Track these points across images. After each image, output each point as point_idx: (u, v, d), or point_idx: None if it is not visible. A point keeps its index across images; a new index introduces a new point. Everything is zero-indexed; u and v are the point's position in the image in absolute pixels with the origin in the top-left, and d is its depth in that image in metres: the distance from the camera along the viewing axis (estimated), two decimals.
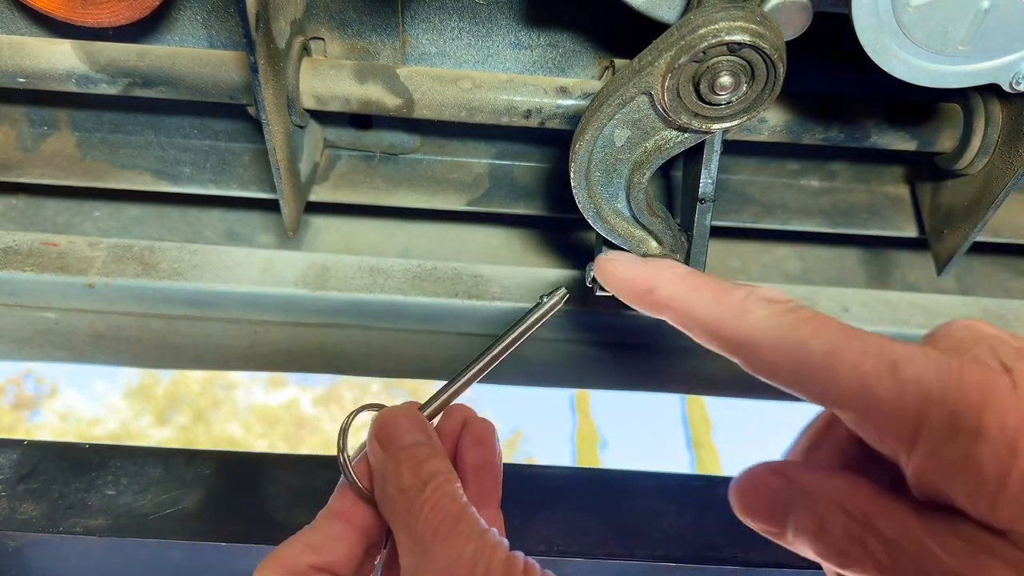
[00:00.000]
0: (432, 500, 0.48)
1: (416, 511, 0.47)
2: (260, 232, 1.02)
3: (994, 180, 0.76)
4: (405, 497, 0.48)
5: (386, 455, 0.51)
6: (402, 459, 0.50)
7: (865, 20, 0.54)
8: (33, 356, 0.96)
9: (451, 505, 0.48)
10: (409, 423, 0.53)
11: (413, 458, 0.51)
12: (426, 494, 0.48)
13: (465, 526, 0.47)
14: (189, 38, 0.82)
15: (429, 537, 0.46)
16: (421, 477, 0.49)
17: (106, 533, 0.68)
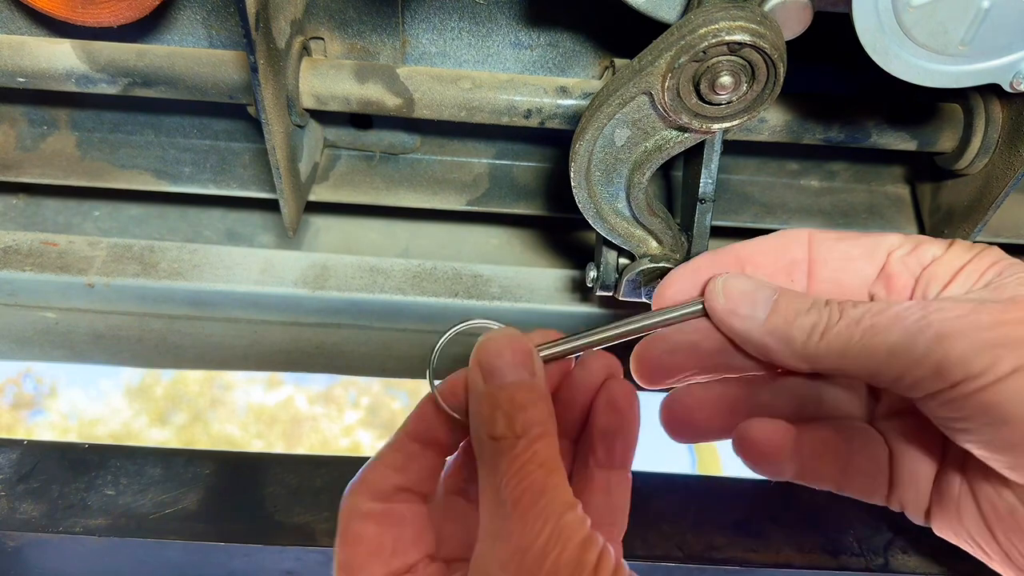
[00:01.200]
0: (521, 460, 0.45)
1: (502, 469, 0.45)
2: (260, 232, 1.02)
3: (994, 180, 0.76)
4: (494, 447, 0.46)
5: (484, 388, 0.48)
6: (500, 400, 0.47)
7: (865, 20, 0.54)
8: (33, 356, 0.96)
9: (538, 471, 0.45)
10: (516, 357, 0.49)
11: (511, 402, 0.47)
12: (516, 450, 0.45)
13: (546, 502, 0.44)
14: (189, 38, 0.82)
15: (509, 505, 0.44)
16: (515, 428, 0.46)
17: (106, 533, 0.68)
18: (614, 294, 0.75)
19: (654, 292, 0.56)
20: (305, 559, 0.71)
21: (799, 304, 0.50)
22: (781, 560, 0.70)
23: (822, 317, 0.48)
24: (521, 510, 0.43)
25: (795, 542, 0.72)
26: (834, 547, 0.71)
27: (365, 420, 4.20)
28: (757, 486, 0.75)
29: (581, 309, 0.86)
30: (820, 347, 0.48)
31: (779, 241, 0.55)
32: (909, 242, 0.52)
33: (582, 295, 0.87)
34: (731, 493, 0.75)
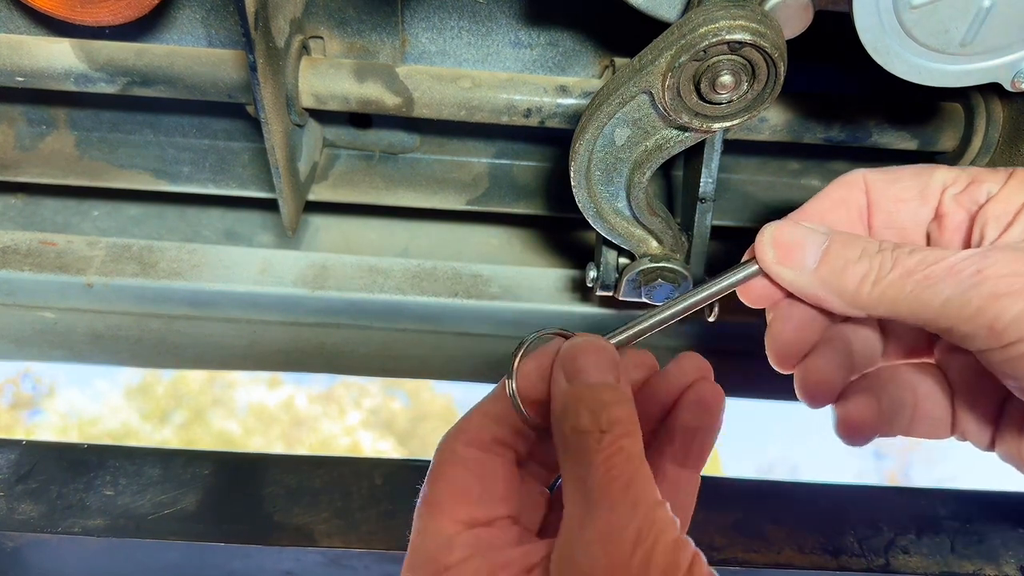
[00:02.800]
0: (606, 453, 0.44)
1: (587, 461, 0.44)
2: (259, 232, 1.01)
3: None
4: (579, 440, 0.45)
5: (568, 389, 0.47)
6: (584, 397, 0.46)
7: (866, 19, 0.54)
8: (32, 356, 0.96)
9: (626, 464, 0.43)
10: (599, 360, 0.48)
11: (596, 400, 0.46)
12: (603, 444, 0.44)
13: (635, 493, 0.43)
14: (188, 37, 0.82)
15: (596, 495, 0.43)
16: (600, 423, 0.45)
17: (104, 533, 0.68)
18: (614, 294, 0.75)
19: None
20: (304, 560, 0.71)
21: (851, 252, 0.49)
22: (781, 560, 0.70)
23: (873, 266, 0.48)
24: (611, 499, 0.42)
25: (795, 542, 0.72)
26: (835, 547, 0.71)
27: (366, 421, 4.20)
28: (757, 486, 0.75)
29: (581, 309, 0.86)
30: (872, 297, 0.47)
31: (838, 191, 0.56)
32: (963, 178, 0.51)
33: (582, 295, 0.86)
34: (731, 493, 0.74)
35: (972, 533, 0.69)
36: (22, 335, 0.93)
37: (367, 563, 0.71)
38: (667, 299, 0.71)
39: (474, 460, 0.49)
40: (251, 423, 3.96)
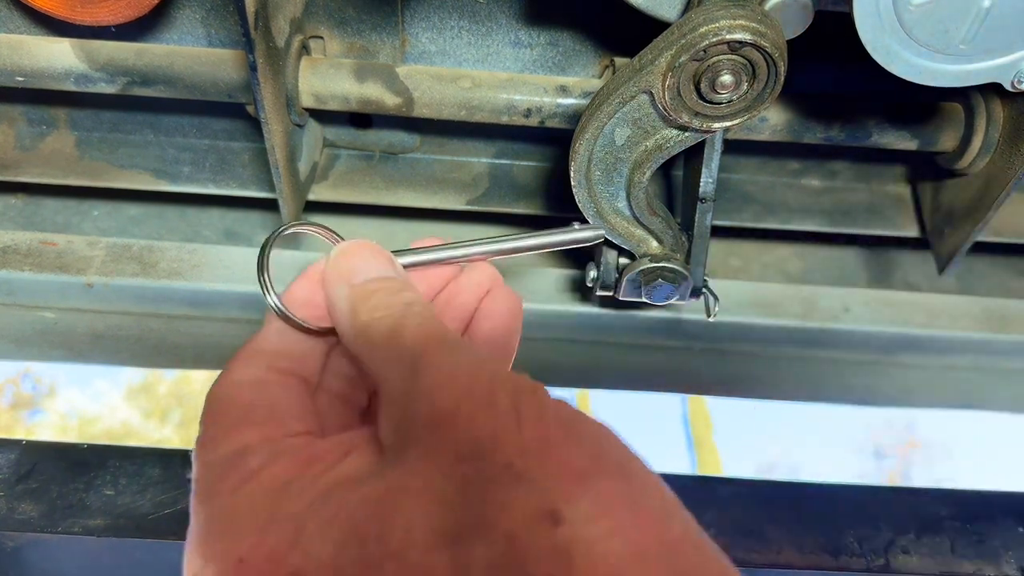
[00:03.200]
0: (416, 318, 0.42)
1: (398, 332, 0.41)
2: (259, 231, 1.01)
3: (995, 180, 0.76)
4: (382, 324, 0.42)
5: (350, 289, 0.45)
6: (372, 290, 0.44)
7: (866, 19, 0.54)
8: (32, 356, 0.96)
9: (435, 326, 0.42)
10: (376, 258, 0.47)
11: (386, 288, 0.45)
12: (408, 316, 0.42)
13: (454, 342, 0.41)
14: (188, 37, 0.82)
15: (419, 353, 0.40)
16: (395, 303, 0.43)
17: (105, 533, 0.68)
18: (614, 294, 0.75)
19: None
20: None
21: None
22: (781, 560, 0.70)
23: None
24: (434, 349, 0.40)
25: (795, 542, 0.71)
26: (834, 547, 0.71)
27: None
28: (757, 486, 0.75)
29: (581, 309, 0.86)
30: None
31: None
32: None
33: (582, 295, 0.86)
34: (731, 493, 0.74)
35: (972, 533, 0.69)
36: (22, 335, 0.93)
37: None
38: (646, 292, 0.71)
39: (252, 382, 0.44)
40: None
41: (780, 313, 0.87)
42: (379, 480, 0.36)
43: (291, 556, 0.35)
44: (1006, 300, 0.91)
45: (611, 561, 0.31)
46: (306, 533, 0.35)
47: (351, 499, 0.36)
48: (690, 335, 0.91)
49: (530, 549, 0.31)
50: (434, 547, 0.33)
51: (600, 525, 0.32)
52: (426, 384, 0.38)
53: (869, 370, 0.96)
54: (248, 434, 0.41)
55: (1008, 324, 0.89)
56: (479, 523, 0.33)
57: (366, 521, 0.34)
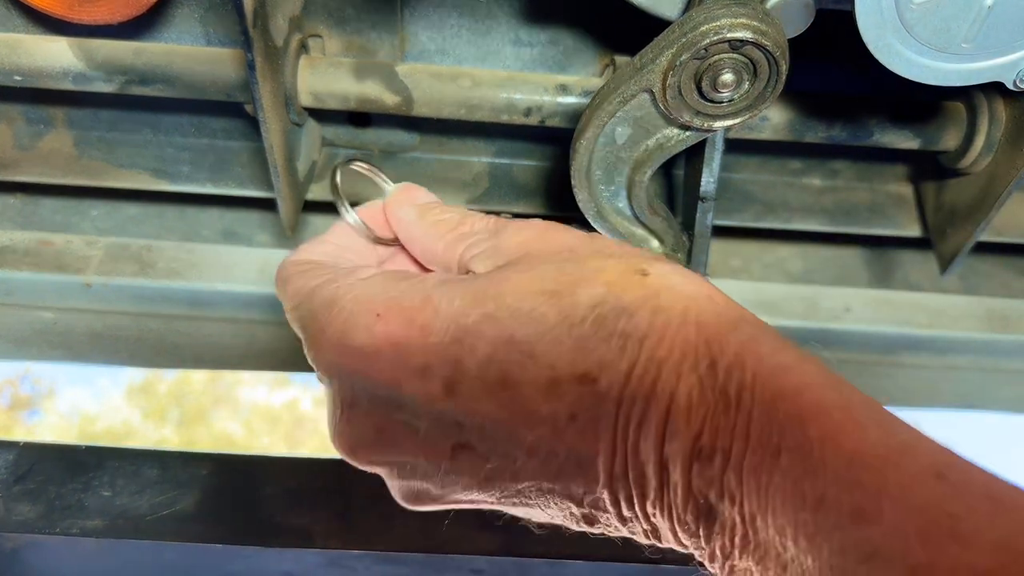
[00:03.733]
0: (474, 216, 0.52)
1: (465, 223, 0.51)
2: (258, 231, 1.01)
3: (997, 179, 0.76)
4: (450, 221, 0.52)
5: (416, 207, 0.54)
6: (433, 206, 0.54)
7: (868, 18, 0.54)
8: (30, 356, 0.96)
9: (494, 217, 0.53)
10: (426, 193, 0.56)
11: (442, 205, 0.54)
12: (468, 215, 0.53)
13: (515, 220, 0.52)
14: (186, 35, 0.82)
15: (493, 228, 0.50)
16: (457, 210, 0.53)
17: (102, 534, 0.68)
18: None
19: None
20: (304, 561, 0.70)
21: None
22: None
23: None
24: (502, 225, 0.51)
25: None
26: None
27: None
28: None
29: None
30: None
31: None
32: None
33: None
34: None
35: None
36: (21, 335, 0.92)
37: (367, 564, 0.71)
38: None
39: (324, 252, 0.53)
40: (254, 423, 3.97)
41: (781, 313, 0.87)
42: (489, 273, 0.45)
43: (421, 313, 0.43)
44: (1009, 300, 0.91)
45: (688, 295, 0.40)
46: (433, 299, 0.43)
47: (468, 280, 0.44)
48: None
49: (626, 289, 0.40)
50: (543, 298, 0.41)
51: (677, 278, 0.41)
52: (508, 233, 0.49)
53: (871, 370, 0.95)
54: (347, 261, 0.51)
55: (1010, 324, 0.89)
56: (580, 281, 0.41)
57: (483, 288, 0.42)
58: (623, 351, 0.38)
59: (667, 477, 0.37)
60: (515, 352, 0.40)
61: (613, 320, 0.39)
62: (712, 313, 0.39)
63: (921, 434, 0.36)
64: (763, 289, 0.88)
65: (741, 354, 0.37)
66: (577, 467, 0.39)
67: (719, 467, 0.36)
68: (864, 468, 0.33)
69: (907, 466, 0.33)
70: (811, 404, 0.35)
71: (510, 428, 0.40)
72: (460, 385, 0.41)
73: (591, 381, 0.38)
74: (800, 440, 0.34)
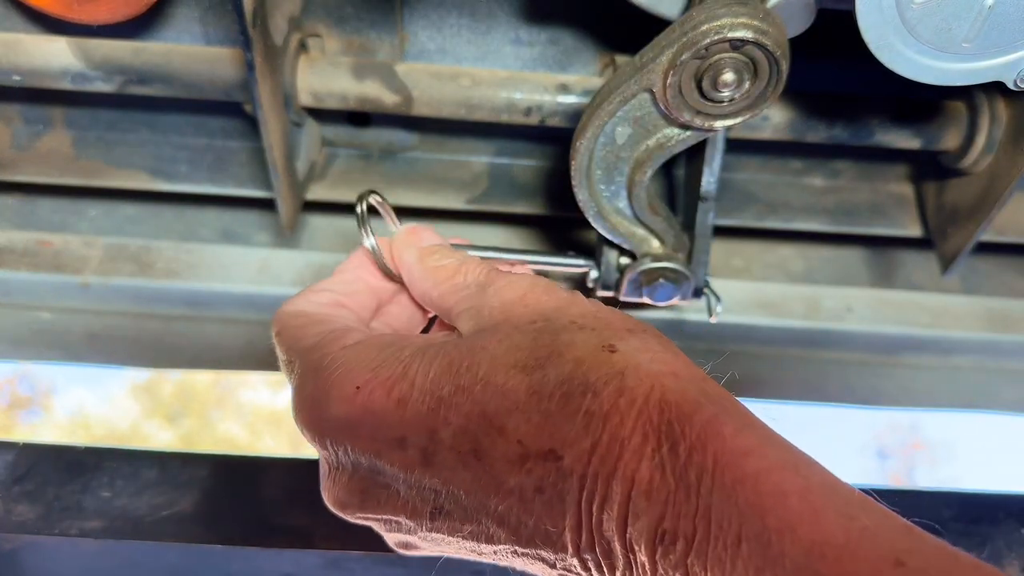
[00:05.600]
0: (474, 263, 0.54)
1: (460, 271, 0.53)
2: (257, 231, 1.01)
3: (999, 179, 0.76)
4: (448, 268, 0.54)
5: (419, 250, 0.56)
6: (435, 249, 0.56)
7: (869, 17, 0.53)
8: (28, 356, 0.96)
9: (492, 265, 0.54)
10: (432, 234, 0.59)
11: (445, 248, 0.57)
12: (466, 262, 0.54)
13: (510, 271, 0.54)
14: (185, 35, 0.81)
15: (483, 277, 0.52)
16: (457, 256, 0.55)
17: (101, 535, 0.67)
18: (615, 294, 0.74)
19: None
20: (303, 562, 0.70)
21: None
22: None
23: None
24: (495, 275, 0.51)
25: None
26: None
27: None
28: None
29: None
30: None
31: None
32: None
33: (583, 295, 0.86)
34: None
35: (975, 535, 0.69)
36: (18, 335, 0.92)
37: (366, 566, 0.71)
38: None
39: (321, 304, 0.55)
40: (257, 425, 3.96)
41: (783, 313, 0.87)
42: (467, 339, 0.47)
43: (399, 386, 0.45)
44: (1010, 300, 0.91)
45: (653, 376, 0.41)
46: (411, 370, 0.45)
47: (446, 347, 0.46)
48: (692, 335, 0.91)
49: (593, 367, 0.42)
50: (515, 372, 0.42)
51: (645, 355, 0.43)
52: (495, 290, 0.50)
53: (872, 371, 0.95)
54: (336, 324, 0.52)
55: (1012, 324, 0.89)
56: (551, 355, 0.43)
57: (459, 359, 0.44)
58: (587, 429, 0.39)
59: (634, 557, 0.38)
60: (486, 425, 0.42)
61: (579, 398, 0.40)
62: (676, 392, 0.40)
63: (883, 516, 0.37)
64: (764, 289, 0.88)
65: (703, 436, 0.38)
66: (546, 537, 0.41)
67: (682, 552, 0.36)
68: (822, 559, 0.33)
69: (865, 555, 0.34)
70: (770, 491, 0.36)
71: (481, 498, 0.42)
72: (435, 456, 0.43)
73: (556, 458, 0.40)
74: (759, 529, 0.35)
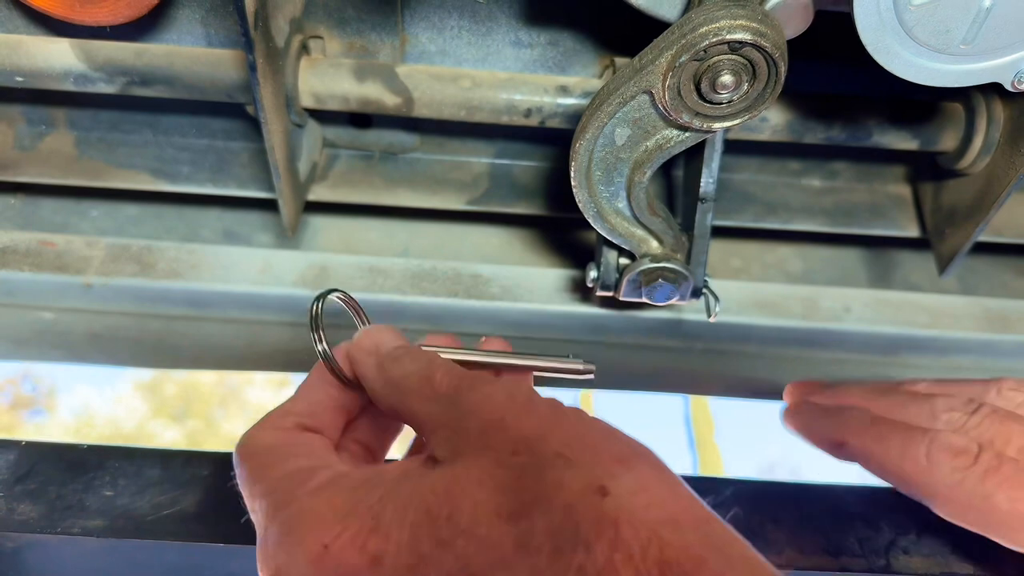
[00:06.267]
0: (442, 369, 0.49)
1: (429, 379, 0.49)
2: (258, 232, 1.01)
3: (996, 180, 0.76)
4: (413, 377, 0.49)
5: (378, 357, 0.52)
6: (398, 355, 0.52)
7: (867, 19, 0.54)
8: (30, 356, 0.96)
9: (462, 370, 0.49)
10: (396, 335, 0.55)
11: (409, 352, 0.52)
12: (434, 367, 0.49)
13: (484, 376, 0.48)
14: (187, 37, 0.82)
15: (453, 392, 0.47)
16: (422, 361, 0.51)
17: (104, 534, 0.68)
18: (615, 294, 0.75)
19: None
20: None
21: None
22: (782, 561, 0.70)
23: None
24: (467, 387, 0.47)
25: (796, 543, 0.71)
26: (835, 548, 0.71)
27: None
28: (757, 486, 0.75)
29: (581, 309, 0.86)
30: None
31: None
32: None
33: (582, 295, 0.86)
34: (731, 493, 0.74)
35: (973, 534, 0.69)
36: (21, 335, 0.92)
37: None
38: (650, 290, 0.72)
39: (285, 433, 0.51)
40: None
41: (781, 313, 0.87)
42: (444, 472, 0.42)
43: (371, 540, 0.41)
44: (1008, 300, 0.91)
45: (651, 526, 0.38)
46: (383, 520, 0.41)
47: (421, 488, 0.42)
48: (691, 335, 0.91)
49: (583, 517, 0.38)
50: (499, 522, 0.39)
51: (640, 497, 0.39)
52: (469, 405, 0.45)
53: (870, 370, 0.95)
54: (301, 461, 0.47)
55: (1010, 324, 0.89)
56: (537, 499, 0.39)
57: (437, 505, 0.40)
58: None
59: None
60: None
61: (570, 553, 0.37)
62: (677, 547, 0.37)
63: None
64: (763, 289, 0.89)
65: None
66: None
67: None
68: None
69: None
70: None
71: None
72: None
73: None
74: None
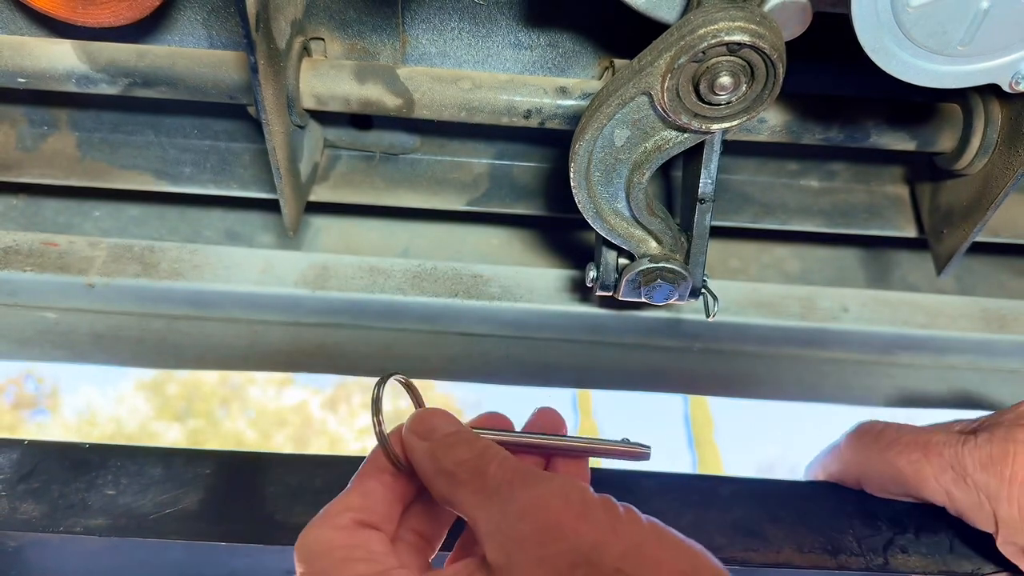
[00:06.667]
0: (496, 460, 0.49)
1: (482, 472, 0.48)
2: (260, 232, 1.02)
3: (994, 180, 0.76)
4: (466, 467, 0.49)
5: (430, 443, 0.51)
6: (451, 442, 0.51)
7: (865, 20, 0.54)
8: (33, 356, 0.96)
9: (516, 462, 0.49)
10: (450, 418, 0.54)
11: (463, 439, 0.51)
12: (487, 457, 0.49)
13: (538, 472, 0.48)
14: (189, 38, 0.82)
15: (506, 488, 0.46)
16: (475, 449, 0.50)
17: (106, 533, 0.68)
18: (614, 294, 0.75)
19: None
20: None
21: None
22: (781, 560, 0.70)
23: None
24: (520, 482, 0.46)
25: (794, 541, 0.72)
26: (834, 547, 0.72)
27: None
28: (757, 486, 0.75)
29: (581, 309, 0.86)
30: None
31: None
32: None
33: (582, 295, 0.87)
34: (731, 493, 0.75)
35: (970, 533, 0.70)
36: (23, 335, 0.93)
37: None
38: (664, 297, 0.72)
39: (344, 531, 0.50)
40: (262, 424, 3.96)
41: (779, 313, 0.87)
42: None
43: None
44: (1005, 300, 0.91)
45: None
46: None
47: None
48: (689, 335, 0.91)
49: None
50: None
51: None
52: (523, 506, 0.45)
53: (868, 370, 0.96)
54: (360, 567, 0.47)
55: (1007, 324, 0.89)
56: None
57: None
58: None
59: None
60: None
61: None
62: None
63: None
64: (761, 289, 0.89)
65: None
66: None
67: None
68: None
69: None
70: None
71: None
72: None
73: None
74: None
